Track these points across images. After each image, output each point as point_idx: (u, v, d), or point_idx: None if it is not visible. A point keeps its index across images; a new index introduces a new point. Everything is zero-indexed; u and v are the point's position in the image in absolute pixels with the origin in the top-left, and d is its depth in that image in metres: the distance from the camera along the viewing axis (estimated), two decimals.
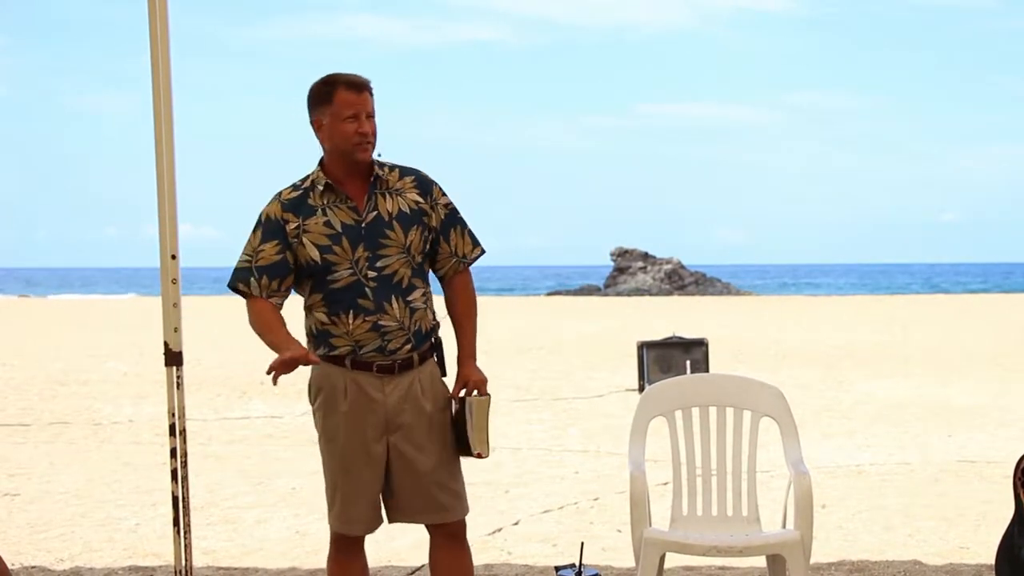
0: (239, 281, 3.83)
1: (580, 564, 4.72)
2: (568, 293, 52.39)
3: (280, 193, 3.86)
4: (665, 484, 6.78)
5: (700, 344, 13.17)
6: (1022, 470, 4.30)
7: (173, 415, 4.47)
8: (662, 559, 4.36)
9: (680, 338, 13.31)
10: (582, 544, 4.96)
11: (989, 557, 4.95)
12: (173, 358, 4.48)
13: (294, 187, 3.86)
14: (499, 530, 6.55)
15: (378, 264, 3.77)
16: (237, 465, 8.78)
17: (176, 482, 4.48)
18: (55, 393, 13.50)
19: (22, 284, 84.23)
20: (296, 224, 3.78)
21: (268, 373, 3.72)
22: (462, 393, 3.92)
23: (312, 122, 3.84)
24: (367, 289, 3.76)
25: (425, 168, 3.97)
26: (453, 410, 3.94)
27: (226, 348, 19.59)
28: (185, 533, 4.49)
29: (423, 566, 5.73)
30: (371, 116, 3.78)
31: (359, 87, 3.77)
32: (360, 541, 3.99)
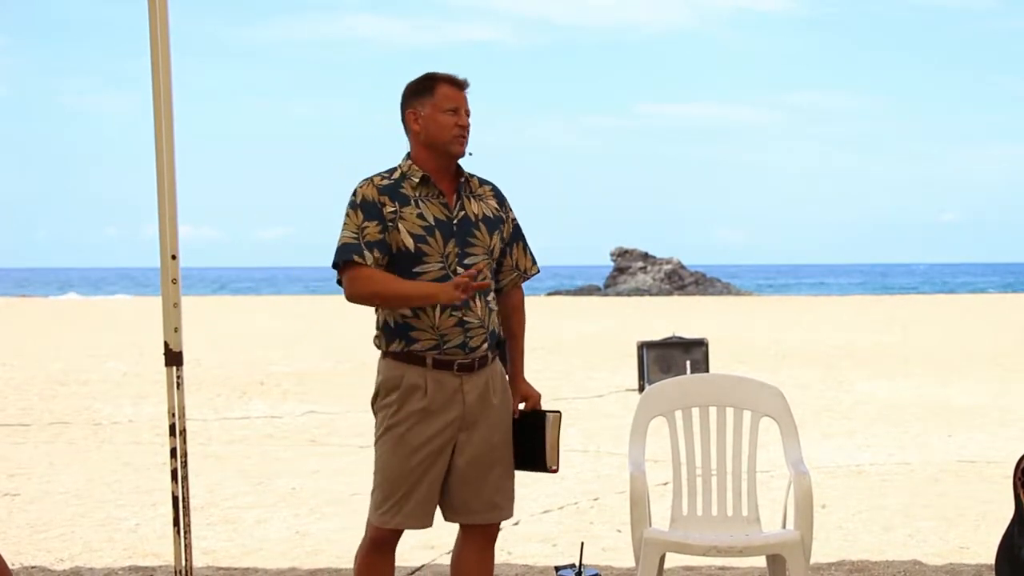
0: (352, 253, 3.72)
1: (580, 564, 4.73)
2: (568, 293, 52.38)
3: (371, 178, 3.83)
4: (665, 484, 6.78)
5: (700, 344, 13.17)
6: (1022, 470, 4.30)
7: (173, 415, 4.47)
8: (662, 559, 4.36)
9: (680, 338, 13.31)
10: (582, 544, 4.97)
11: (989, 557, 4.95)
12: (173, 358, 4.48)
13: (383, 176, 3.84)
14: (499, 530, 6.54)
15: (466, 262, 3.80)
16: (237, 465, 8.78)
17: (176, 482, 4.48)
18: (55, 393, 13.50)
19: (22, 285, 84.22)
20: (393, 209, 3.76)
21: (457, 288, 3.64)
22: (521, 406, 4.00)
23: (406, 115, 3.86)
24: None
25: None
26: (517, 425, 3.98)
27: (226, 348, 19.60)
28: (185, 533, 4.49)
29: (423, 566, 5.73)
30: (468, 115, 3.84)
31: (460, 84, 3.85)
32: (397, 541, 3.95)
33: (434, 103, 3.81)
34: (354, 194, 3.80)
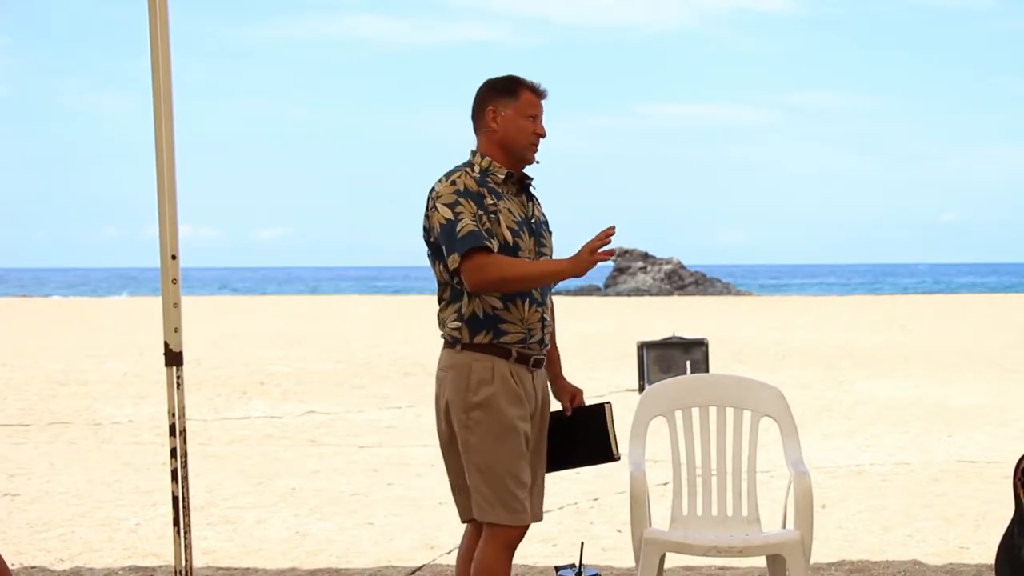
0: (483, 240, 3.67)
1: (580, 564, 4.73)
2: (568, 293, 52.39)
3: (462, 170, 3.80)
4: (665, 484, 6.78)
5: (700, 344, 13.17)
6: (1022, 470, 4.31)
7: (173, 415, 4.47)
8: (662, 559, 4.36)
9: (680, 338, 13.31)
10: (582, 544, 4.97)
11: (989, 557, 4.95)
12: (173, 358, 4.48)
13: (467, 170, 3.81)
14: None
15: (542, 260, 3.86)
16: (237, 465, 8.78)
17: (176, 482, 4.48)
18: (55, 393, 13.50)
19: (21, 285, 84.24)
20: (492, 201, 3.76)
21: (591, 254, 3.65)
22: (561, 404, 4.03)
23: (485, 111, 3.86)
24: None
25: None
26: (566, 421, 4.01)
27: (226, 348, 19.60)
28: (185, 533, 4.49)
29: (423, 566, 5.73)
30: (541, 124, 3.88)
31: (542, 94, 3.89)
32: (520, 539, 3.89)
33: (517, 107, 3.83)
34: (453, 183, 3.75)
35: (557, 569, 4.82)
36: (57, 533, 6.55)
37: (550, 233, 3.97)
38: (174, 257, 4.46)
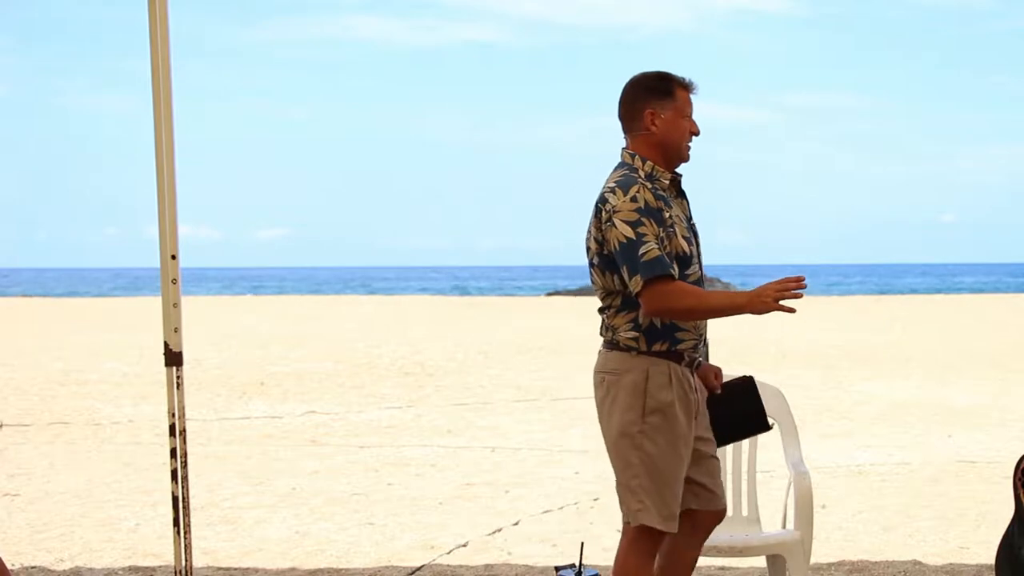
0: (668, 268, 3.64)
1: (580, 564, 4.73)
2: (568, 293, 52.36)
3: (638, 182, 3.72)
4: None
5: None
6: (1022, 470, 4.30)
7: (173, 415, 4.47)
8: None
9: None
10: (582, 544, 4.97)
11: (989, 557, 4.95)
12: (173, 358, 4.48)
13: (636, 177, 3.75)
14: (499, 530, 6.55)
15: (702, 264, 3.89)
16: (237, 465, 8.78)
17: (176, 482, 4.48)
18: (55, 393, 13.50)
19: (21, 285, 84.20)
20: (669, 213, 3.73)
21: (771, 298, 3.59)
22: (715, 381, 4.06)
23: (643, 113, 3.80)
24: (704, 285, 3.87)
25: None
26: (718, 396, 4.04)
27: (226, 348, 19.60)
28: (185, 533, 4.49)
29: (423, 566, 5.74)
30: None
31: (693, 89, 3.85)
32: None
33: (676, 107, 3.79)
34: (633, 200, 3.67)
35: (557, 569, 4.82)
36: (57, 533, 6.55)
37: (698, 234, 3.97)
38: (174, 257, 4.46)
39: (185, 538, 4.49)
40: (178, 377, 4.49)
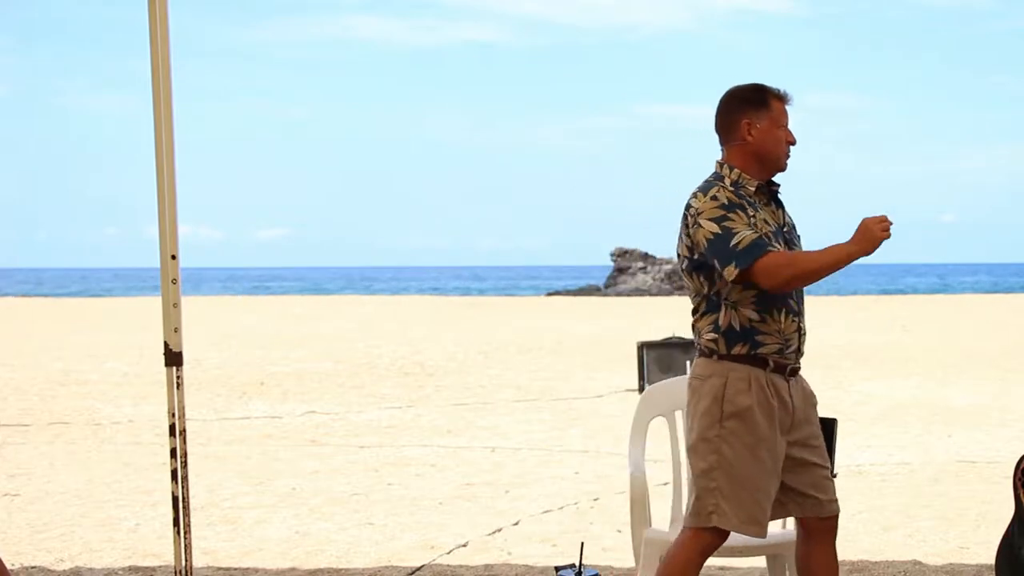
0: (767, 245, 3.69)
1: (580, 564, 4.72)
2: (568, 293, 52.39)
3: (716, 186, 3.81)
4: (665, 484, 6.78)
5: None
6: (1022, 470, 4.30)
7: (173, 415, 4.47)
8: (662, 559, 4.36)
9: (680, 338, 13.30)
10: (582, 544, 4.97)
11: (989, 557, 4.95)
12: (173, 358, 4.48)
13: (719, 183, 3.82)
14: (499, 530, 6.55)
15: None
16: (237, 465, 8.78)
17: (176, 482, 4.48)
18: (55, 393, 13.50)
19: (21, 285, 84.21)
20: (752, 213, 3.79)
21: (881, 228, 3.68)
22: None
23: (739, 124, 3.86)
24: (795, 291, 3.85)
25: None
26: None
27: (226, 348, 19.61)
28: (185, 533, 4.49)
29: (423, 566, 5.74)
30: None
31: (788, 100, 3.90)
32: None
33: (772, 117, 3.85)
34: (714, 199, 3.76)
35: (557, 569, 4.81)
36: (57, 533, 6.55)
37: (799, 237, 3.97)
38: (174, 257, 4.47)
39: (185, 538, 4.49)
40: (178, 377, 4.49)
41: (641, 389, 12.63)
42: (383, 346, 19.95)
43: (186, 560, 4.50)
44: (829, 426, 4.03)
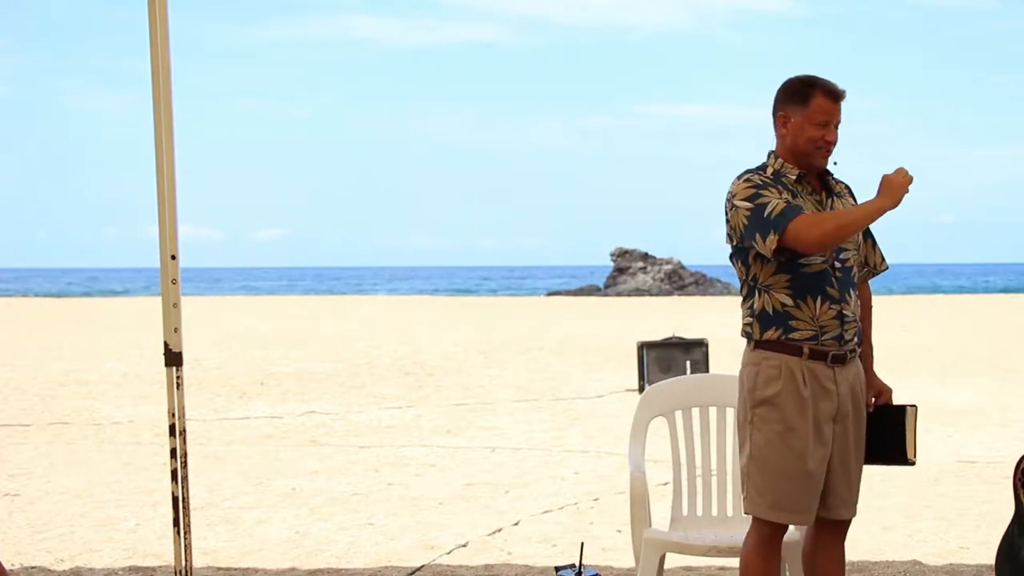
0: (798, 209, 3.75)
1: (580, 564, 4.73)
2: (568, 293, 52.39)
3: (751, 172, 3.87)
4: (665, 484, 6.78)
5: (700, 344, 13.17)
6: (1022, 470, 4.30)
7: (173, 415, 4.47)
8: (662, 559, 4.37)
9: (680, 338, 13.31)
10: (582, 544, 4.97)
11: (989, 557, 4.95)
12: (173, 358, 4.48)
13: (759, 172, 3.88)
14: (499, 530, 6.55)
15: (842, 256, 3.87)
16: (237, 465, 8.78)
17: (176, 482, 4.48)
18: (55, 393, 13.50)
19: (22, 284, 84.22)
20: (786, 196, 3.81)
21: (904, 177, 3.76)
22: (873, 400, 4.03)
23: (777, 116, 3.91)
24: (834, 278, 3.85)
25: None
26: (874, 418, 4.01)
27: (226, 348, 19.61)
28: (185, 533, 4.49)
29: (423, 567, 5.74)
30: (838, 125, 3.88)
31: (837, 96, 3.87)
32: (782, 536, 3.94)
33: (806, 114, 3.84)
34: (748, 181, 3.83)
35: (557, 569, 4.82)
36: (57, 533, 6.55)
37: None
38: (174, 257, 4.47)
39: (185, 538, 4.49)
40: (178, 377, 4.49)
41: (641, 389, 12.63)
42: (383, 346, 19.95)
43: (186, 560, 4.50)
44: (899, 415, 4.00)
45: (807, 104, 3.85)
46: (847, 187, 4.03)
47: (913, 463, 4.00)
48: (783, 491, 3.82)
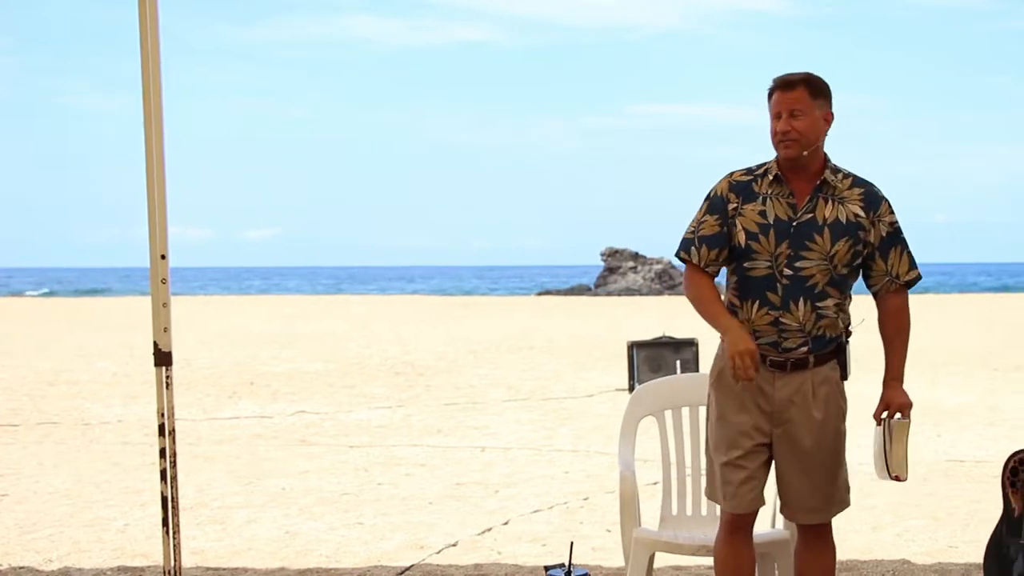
0: (682, 250, 3.98)
1: (570, 564, 4.73)
2: (558, 293, 52.40)
3: (732, 173, 3.99)
4: (655, 484, 6.78)
5: (690, 344, 13.18)
6: (1010, 469, 4.32)
7: (162, 415, 4.46)
8: (651, 559, 4.37)
9: (670, 338, 13.31)
10: (571, 544, 4.97)
11: (977, 556, 4.97)
12: (163, 358, 4.48)
13: (747, 171, 3.98)
14: (489, 530, 6.55)
15: (796, 264, 3.85)
16: (226, 465, 8.77)
17: (165, 482, 4.47)
18: (44, 393, 13.47)
19: (17, 284, 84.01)
20: (735, 205, 3.91)
21: (738, 381, 3.82)
22: (883, 415, 3.97)
23: None
24: (778, 285, 3.86)
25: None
26: (877, 430, 3.99)
27: (215, 348, 19.58)
28: (174, 533, 4.49)
29: (413, 566, 5.73)
30: (796, 114, 3.85)
31: (784, 85, 3.89)
32: (749, 525, 3.97)
33: (769, 107, 3.92)
34: (712, 188, 3.98)
35: (547, 569, 4.82)
36: (46, 533, 6.54)
37: (842, 236, 3.84)
38: (163, 257, 4.46)
39: (174, 538, 4.49)
40: (167, 377, 4.49)
41: (631, 389, 12.64)
42: (373, 346, 19.94)
43: (175, 560, 4.49)
44: (890, 429, 3.93)
45: (770, 98, 3.92)
46: (865, 194, 3.91)
47: (898, 479, 3.94)
48: (716, 476, 3.96)
